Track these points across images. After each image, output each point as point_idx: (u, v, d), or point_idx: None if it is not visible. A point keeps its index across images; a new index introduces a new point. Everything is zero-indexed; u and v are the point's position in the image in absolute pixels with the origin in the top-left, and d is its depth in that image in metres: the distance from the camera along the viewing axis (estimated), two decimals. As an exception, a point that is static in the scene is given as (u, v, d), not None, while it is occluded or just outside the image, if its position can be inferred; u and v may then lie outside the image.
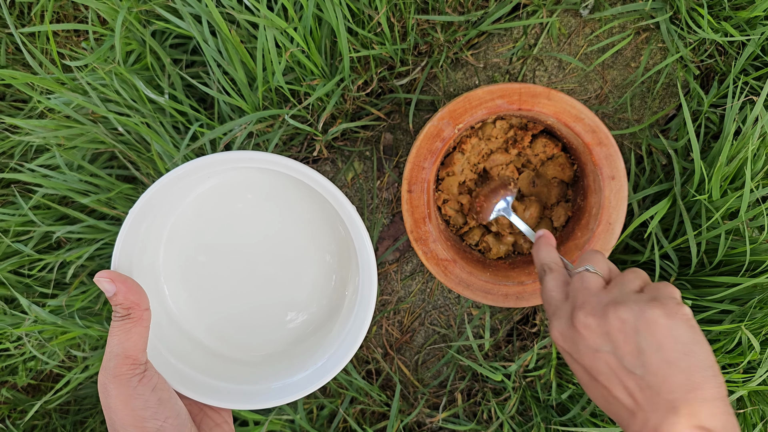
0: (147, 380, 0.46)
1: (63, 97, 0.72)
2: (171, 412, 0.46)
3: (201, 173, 0.55)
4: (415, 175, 0.63)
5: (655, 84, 0.75)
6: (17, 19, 0.88)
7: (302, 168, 0.53)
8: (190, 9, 0.66)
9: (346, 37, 0.66)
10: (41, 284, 0.82)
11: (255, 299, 0.65)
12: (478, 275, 0.65)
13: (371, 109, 0.75)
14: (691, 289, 0.69)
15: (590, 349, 0.42)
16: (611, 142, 0.61)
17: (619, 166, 0.62)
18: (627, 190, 0.62)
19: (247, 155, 0.53)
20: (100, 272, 0.47)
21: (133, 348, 0.46)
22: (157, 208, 0.56)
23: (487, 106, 0.61)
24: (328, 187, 0.54)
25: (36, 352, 0.77)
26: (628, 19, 0.74)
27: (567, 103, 0.61)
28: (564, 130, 0.64)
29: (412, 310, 0.82)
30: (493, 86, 0.60)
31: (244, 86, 0.68)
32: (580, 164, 0.69)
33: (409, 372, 0.83)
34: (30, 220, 0.80)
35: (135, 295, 0.47)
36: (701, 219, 0.65)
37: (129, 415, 0.44)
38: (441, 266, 0.65)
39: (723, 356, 0.64)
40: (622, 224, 0.63)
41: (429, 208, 0.64)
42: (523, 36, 0.75)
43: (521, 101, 0.60)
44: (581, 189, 0.69)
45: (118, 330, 0.46)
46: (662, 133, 0.77)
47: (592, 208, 0.65)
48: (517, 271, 0.68)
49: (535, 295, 0.65)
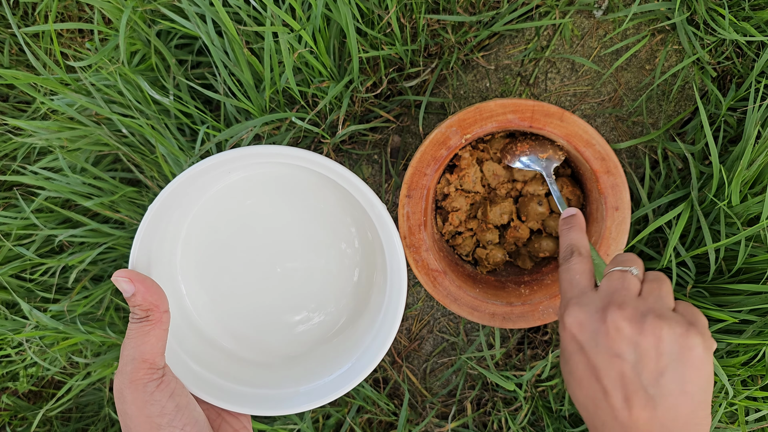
0: (164, 386, 0.44)
1: (66, 98, 0.70)
2: (189, 419, 0.44)
3: (222, 168, 0.53)
4: (416, 181, 0.61)
5: (671, 87, 0.74)
6: (21, 20, 0.87)
7: (331, 164, 0.51)
8: (196, 8, 0.65)
9: (355, 38, 0.64)
10: (43, 289, 0.81)
11: (274, 298, 0.63)
12: (467, 290, 0.64)
13: (380, 111, 0.74)
14: (709, 297, 0.67)
15: (611, 351, 0.41)
16: (619, 172, 0.60)
17: (625, 197, 0.60)
18: (629, 223, 0.61)
19: (273, 150, 0.51)
20: (118, 271, 0.45)
21: (151, 352, 0.43)
22: (177, 204, 0.54)
23: (498, 119, 0.59)
24: (356, 183, 0.52)
25: (37, 359, 0.76)
26: (642, 20, 0.72)
27: (579, 127, 0.59)
28: (573, 153, 0.62)
29: (420, 317, 0.81)
30: (506, 100, 0.59)
31: (250, 88, 0.67)
32: (584, 190, 0.67)
33: (417, 380, 0.81)
34: (32, 223, 0.78)
35: (154, 296, 0.45)
36: (720, 225, 0.63)
37: (145, 422, 0.42)
38: (431, 276, 0.63)
39: (744, 369, 0.62)
40: None
41: (426, 215, 0.63)
42: (536, 37, 0.74)
43: (533, 119, 0.59)
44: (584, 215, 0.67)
45: (136, 333, 0.44)
46: (678, 136, 0.75)
47: (592, 237, 0.63)
48: (507, 291, 0.66)
49: (522, 318, 0.63)
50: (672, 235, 0.63)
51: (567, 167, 0.69)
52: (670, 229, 0.67)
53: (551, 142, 0.65)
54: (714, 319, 0.66)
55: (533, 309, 0.63)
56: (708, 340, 0.40)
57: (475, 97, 0.76)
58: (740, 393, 0.62)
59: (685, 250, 0.68)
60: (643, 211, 0.69)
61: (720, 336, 0.64)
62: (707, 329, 0.41)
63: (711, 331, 0.65)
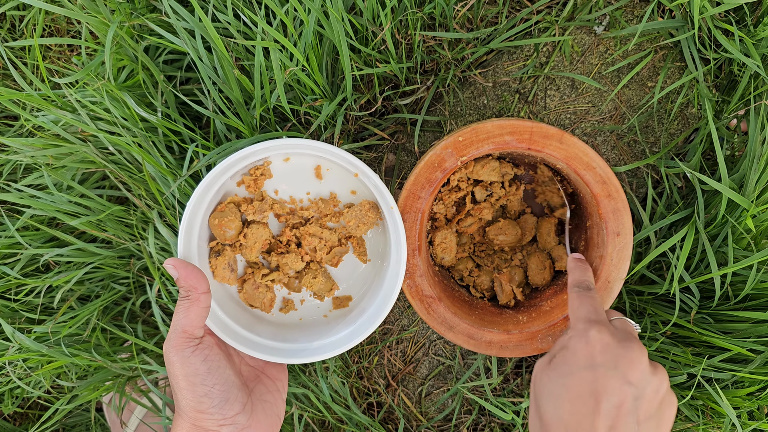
0: (199, 352, 0.54)
1: (51, 115, 0.68)
2: (218, 379, 0.54)
3: (259, 157, 0.59)
4: (409, 204, 0.59)
5: (673, 104, 0.72)
6: (8, 33, 0.85)
7: (359, 164, 0.57)
8: (184, 24, 0.63)
9: (348, 55, 0.62)
10: (28, 309, 0.78)
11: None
12: (462, 317, 0.61)
13: (374, 129, 0.72)
14: (714, 323, 0.65)
15: (626, 378, 0.44)
16: (621, 196, 0.57)
17: (627, 222, 0.58)
18: (631, 249, 0.59)
19: (309, 143, 0.57)
20: (168, 260, 0.54)
21: (190, 324, 0.53)
22: (212, 193, 0.60)
23: (495, 141, 0.57)
24: (381, 189, 0.58)
25: (20, 383, 0.73)
26: (646, 38, 0.70)
27: (579, 149, 0.57)
28: (573, 176, 0.60)
29: (415, 339, 0.78)
30: (504, 121, 0.57)
31: (240, 106, 0.65)
32: (584, 214, 0.64)
33: (412, 405, 0.79)
34: (17, 242, 0.76)
35: (194, 279, 0.54)
36: (727, 248, 0.61)
37: (183, 380, 0.52)
38: (425, 303, 0.61)
39: (752, 401, 0.60)
40: (621, 284, 0.60)
41: (420, 240, 0.60)
42: (535, 54, 0.72)
43: (531, 140, 0.57)
44: (582, 240, 0.65)
45: (180, 308, 0.54)
46: (678, 156, 0.73)
47: (592, 263, 0.61)
48: (504, 318, 0.64)
49: (519, 348, 0.61)
50: (678, 261, 0.61)
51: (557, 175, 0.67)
52: (673, 252, 0.65)
53: (554, 172, 0.63)
54: (719, 348, 0.64)
55: (531, 337, 0.61)
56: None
57: (472, 115, 0.74)
58: (747, 425, 0.59)
59: (689, 274, 0.66)
60: (644, 233, 0.66)
61: (725, 366, 0.62)
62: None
63: (716, 360, 0.62)
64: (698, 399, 0.66)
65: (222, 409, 0.53)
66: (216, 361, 0.55)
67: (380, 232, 0.65)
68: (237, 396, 0.55)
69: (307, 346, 0.63)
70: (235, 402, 0.54)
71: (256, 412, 0.57)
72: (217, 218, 0.61)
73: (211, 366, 0.54)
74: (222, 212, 0.61)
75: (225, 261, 0.62)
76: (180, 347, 0.53)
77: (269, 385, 0.61)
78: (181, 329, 0.54)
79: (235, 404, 0.54)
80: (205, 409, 0.52)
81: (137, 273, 0.78)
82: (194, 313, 0.54)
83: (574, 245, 0.67)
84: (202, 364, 0.54)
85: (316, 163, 0.63)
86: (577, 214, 0.68)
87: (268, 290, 0.65)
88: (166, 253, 0.72)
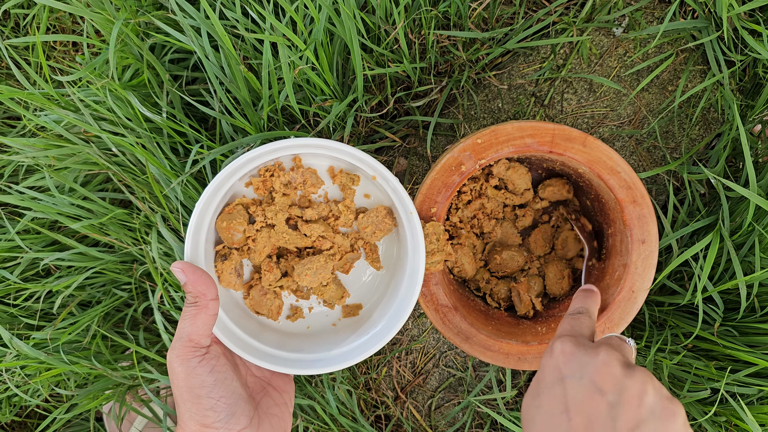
0: (205, 362, 0.51)
1: (53, 115, 0.66)
2: (225, 391, 0.50)
3: (271, 157, 0.56)
4: (425, 209, 0.57)
5: (695, 109, 0.69)
6: (12, 31, 0.83)
7: (378, 166, 0.55)
8: (191, 21, 0.61)
9: (360, 54, 0.60)
10: (27, 314, 0.76)
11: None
12: (479, 328, 0.59)
13: (385, 132, 0.69)
14: (739, 336, 0.62)
15: (595, 385, 0.40)
16: (646, 202, 0.55)
17: (652, 229, 0.55)
18: (656, 257, 0.56)
19: (324, 143, 0.54)
20: (175, 262, 0.51)
21: (197, 333, 0.50)
22: (221, 195, 0.57)
23: (515, 143, 0.55)
24: (401, 195, 0.55)
25: (18, 391, 0.71)
26: (667, 39, 0.68)
27: (603, 153, 0.54)
28: (596, 181, 0.57)
29: (425, 350, 0.76)
30: (524, 123, 0.54)
31: (247, 105, 0.63)
32: (606, 220, 0.62)
33: (421, 418, 0.76)
34: (17, 245, 0.74)
35: (203, 285, 0.51)
36: (754, 257, 0.58)
37: (187, 392, 0.49)
38: (440, 313, 0.58)
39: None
40: (646, 294, 0.57)
41: None
42: (551, 56, 0.70)
43: (553, 143, 0.54)
44: (603, 247, 0.63)
45: (187, 315, 0.50)
46: (699, 162, 0.71)
47: (615, 271, 0.58)
48: (521, 329, 0.61)
49: (538, 359, 0.58)
50: (701, 271, 0.58)
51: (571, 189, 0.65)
52: (696, 261, 0.63)
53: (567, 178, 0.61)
54: (743, 362, 0.61)
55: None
56: (688, 427, 0.40)
57: (486, 118, 0.71)
58: (775, 444, 0.57)
59: (713, 284, 0.63)
60: (666, 241, 0.64)
61: (751, 381, 0.59)
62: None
63: (741, 375, 0.60)
64: (721, 415, 0.63)
65: (228, 423, 0.50)
66: (223, 372, 0.52)
67: (393, 238, 0.63)
68: (244, 409, 0.51)
69: (316, 356, 0.59)
70: (242, 416, 0.51)
71: (263, 426, 0.53)
72: (225, 221, 0.58)
73: (218, 377, 0.51)
74: (230, 214, 0.58)
75: (232, 265, 0.59)
76: (185, 357, 0.50)
77: (276, 398, 0.58)
78: (187, 338, 0.50)
79: (242, 418, 0.51)
80: (211, 423, 0.49)
81: (139, 279, 0.75)
82: (201, 321, 0.50)
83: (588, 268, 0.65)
84: (208, 375, 0.50)
85: (329, 164, 0.60)
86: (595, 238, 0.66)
87: (275, 297, 0.62)
88: (170, 258, 0.70)
